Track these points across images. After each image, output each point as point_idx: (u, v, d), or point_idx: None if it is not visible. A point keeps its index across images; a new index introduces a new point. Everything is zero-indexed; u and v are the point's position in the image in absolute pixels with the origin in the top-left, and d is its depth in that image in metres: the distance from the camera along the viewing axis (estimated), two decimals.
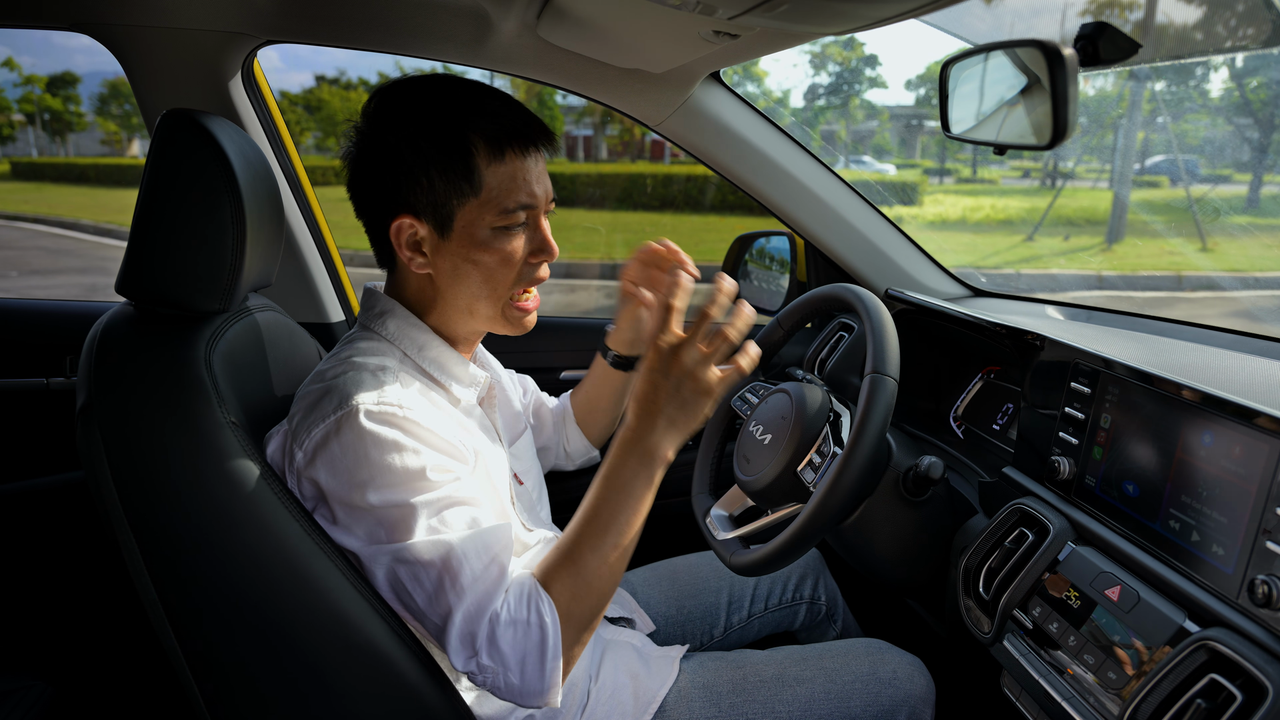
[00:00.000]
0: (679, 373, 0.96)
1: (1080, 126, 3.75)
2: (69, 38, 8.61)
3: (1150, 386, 0.95)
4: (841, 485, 1.01)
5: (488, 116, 0.98)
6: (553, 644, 0.92)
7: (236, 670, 0.92)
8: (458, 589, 0.91)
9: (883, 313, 1.11)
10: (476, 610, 0.91)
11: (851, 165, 22.55)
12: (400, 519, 0.92)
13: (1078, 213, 14.52)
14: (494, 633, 0.91)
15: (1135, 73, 12.00)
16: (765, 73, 30.90)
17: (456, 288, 1.04)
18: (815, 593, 1.52)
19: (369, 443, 0.91)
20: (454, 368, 1.08)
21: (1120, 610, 0.88)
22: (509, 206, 0.99)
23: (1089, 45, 0.78)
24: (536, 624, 0.92)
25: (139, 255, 0.94)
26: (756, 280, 2.01)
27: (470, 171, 0.97)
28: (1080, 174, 17.69)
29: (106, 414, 0.89)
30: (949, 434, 1.52)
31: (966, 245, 12.25)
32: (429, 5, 1.27)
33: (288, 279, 1.60)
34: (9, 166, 26.97)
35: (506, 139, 0.98)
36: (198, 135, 0.94)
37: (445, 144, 0.97)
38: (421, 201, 0.99)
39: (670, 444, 0.98)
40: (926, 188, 18.39)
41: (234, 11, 1.29)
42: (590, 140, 25.08)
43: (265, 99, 1.50)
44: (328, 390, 0.95)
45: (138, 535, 0.89)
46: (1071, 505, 1.04)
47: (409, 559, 0.92)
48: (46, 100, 29.14)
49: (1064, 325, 1.31)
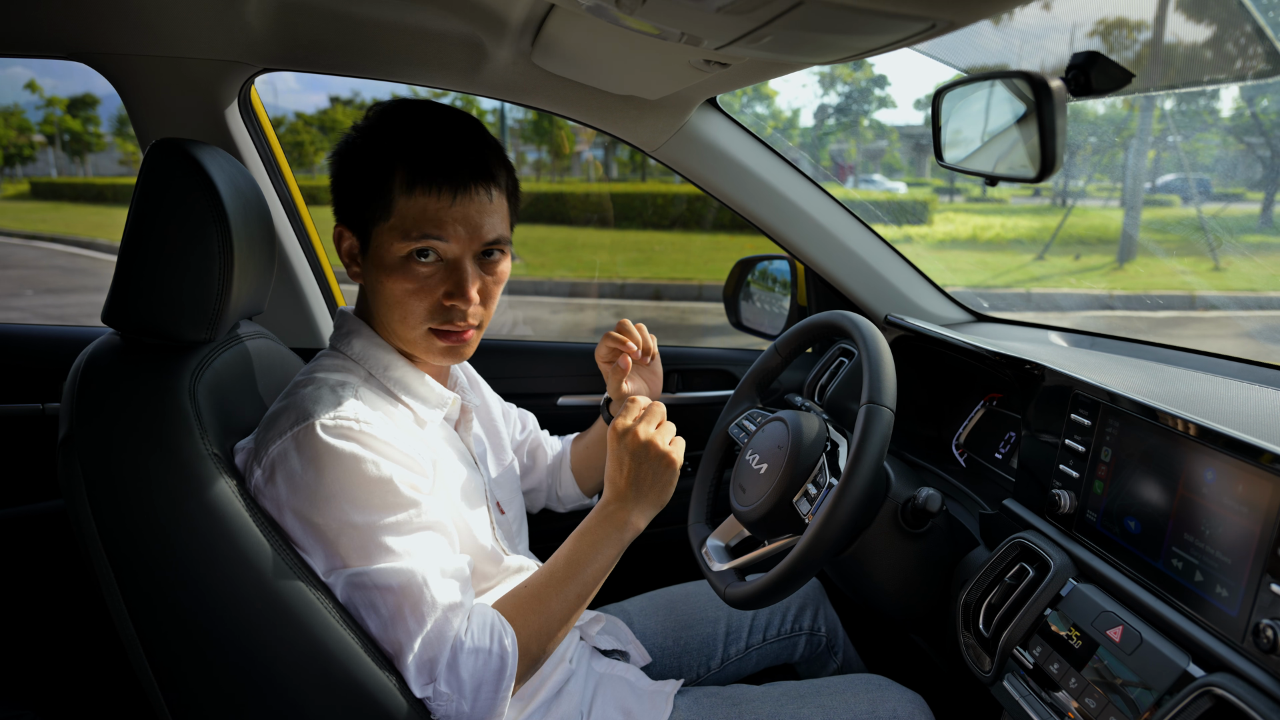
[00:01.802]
0: (640, 450, 1.07)
1: (1090, 145, 3.70)
2: None
3: (1150, 419, 0.93)
4: (836, 518, 0.99)
5: (420, 150, 1.00)
6: (509, 674, 0.96)
7: (214, 705, 0.91)
8: (418, 616, 0.92)
9: (879, 341, 1.09)
10: (437, 636, 0.93)
11: (861, 184, 22.56)
12: (358, 542, 0.92)
13: (1089, 232, 14.45)
14: (455, 659, 0.93)
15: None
16: (775, 92, 31.06)
17: (379, 305, 1.06)
18: (815, 624, 1.49)
19: (326, 458, 0.91)
20: (418, 387, 1.08)
21: (1122, 652, 0.86)
22: (412, 234, 0.99)
23: (1080, 75, 0.77)
24: (498, 653, 0.96)
25: (125, 285, 0.94)
26: (759, 303, 1.99)
27: (385, 196, 1.00)
28: (1091, 193, 17.62)
29: (87, 445, 0.88)
30: (951, 462, 1.50)
31: (976, 264, 12.20)
32: (424, 34, 1.27)
33: (282, 304, 1.60)
34: (29, 186, 27.33)
35: (422, 177, 0.99)
36: (185, 164, 0.93)
37: (372, 166, 1.01)
38: (351, 216, 1.04)
39: (644, 517, 1.10)
40: (936, 206, 18.35)
41: (230, 41, 1.29)
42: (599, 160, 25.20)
43: (262, 126, 1.50)
44: (286, 407, 0.96)
45: (115, 568, 0.88)
46: (1073, 540, 1.02)
47: (366, 584, 0.92)
48: (67, 122, 29.56)
49: (1066, 353, 1.29)
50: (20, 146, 29.46)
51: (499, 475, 1.27)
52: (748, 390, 1.39)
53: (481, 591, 1.12)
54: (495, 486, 1.23)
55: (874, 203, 18.35)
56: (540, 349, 1.78)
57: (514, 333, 7.49)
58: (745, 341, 2.03)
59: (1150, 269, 10.59)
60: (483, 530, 1.12)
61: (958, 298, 1.73)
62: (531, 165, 24.24)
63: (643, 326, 1.35)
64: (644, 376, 1.38)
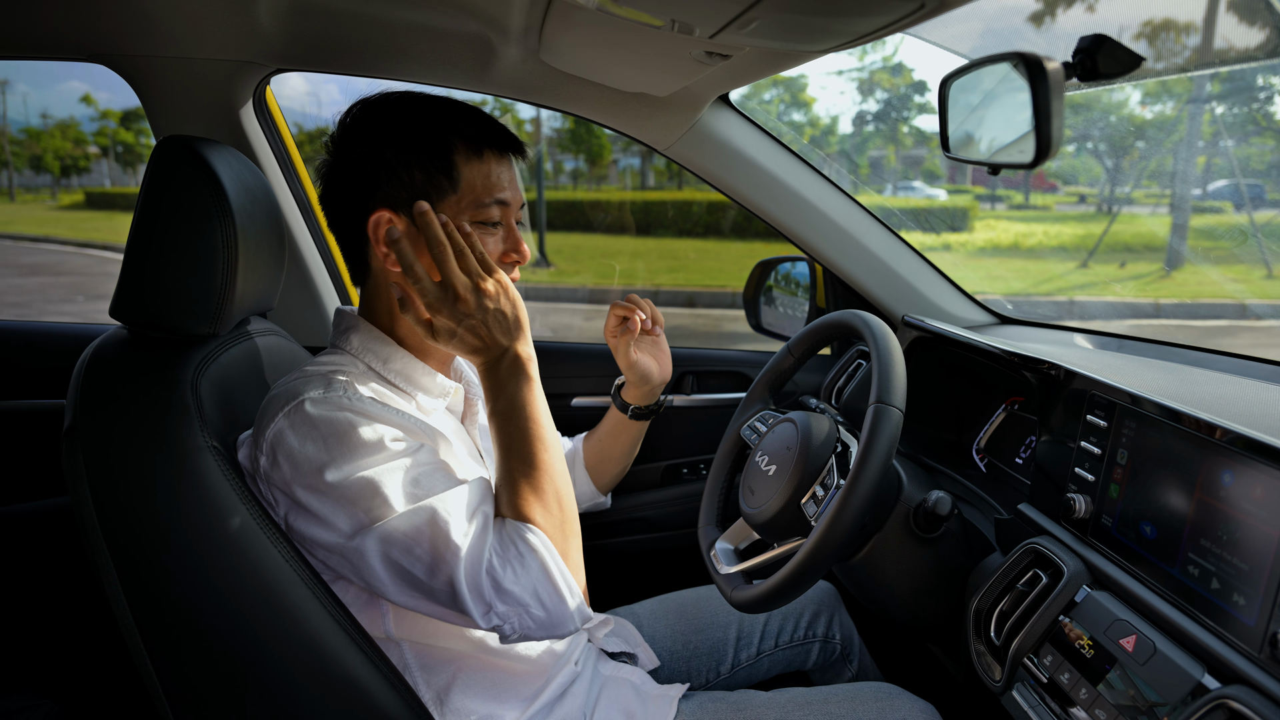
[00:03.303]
0: (476, 301, 0.98)
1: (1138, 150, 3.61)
2: None
3: (1165, 420, 0.89)
4: (842, 520, 0.96)
5: (468, 121, 1.03)
6: (555, 564, 0.94)
7: (211, 697, 0.91)
8: (452, 548, 0.90)
9: (890, 340, 1.06)
10: (473, 565, 0.90)
11: (900, 191, 22.31)
12: (372, 492, 0.90)
13: (1135, 239, 14.10)
14: (496, 581, 0.91)
15: (1195, 95, 11.68)
16: (813, 99, 30.92)
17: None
18: (829, 631, 1.46)
19: (322, 427, 0.91)
20: (420, 378, 1.07)
21: (1135, 662, 0.82)
22: (485, 201, 1.03)
23: (1087, 59, 0.74)
24: (529, 551, 0.93)
25: (131, 279, 0.95)
26: (781, 306, 1.97)
27: (450, 168, 1.01)
28: (1139, 199, 17.21)
29: (89, 436, 0.89)
30: (971, 467, 1.46)
31: (1018, 271, 11.98)
32: (434, 33, 1.28)
33: (296, 303, 1.61)
34: (83, 196, 28.24)
35: (485, 140, 1.03)
36: (190, 160, 0.94)
37: (427, 141, 1.01)
38: (401, 196, 1.01)
39: (513, 342, 1.01)
40: (977, 213, 18.06)
41: (244, 42, 1.31)
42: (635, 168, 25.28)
43: (278, 126, 1.52)
44: (278, 395, 0.96)
45: (115, 558, 0.88)
46: (1087, 546, 0.98)
47: (395, 533, 0.90)
48: (120, 134, 30.51)
49: (1089, 354, 1.25)
50: (76, 158, 30.48)
51: None
52: (760, 392, 1.37)
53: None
54: None
55: (913, 210, 18.12)
56: (555, 349, 1.78)
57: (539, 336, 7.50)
58: (769, 345, 2.01)
59: (1199, 277, 10.31)
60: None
61: (989, 304, 1.68)
62: (569, 174, 24.41)
63: (649, 301, 1.36)
64: (651, 352, 1.37)
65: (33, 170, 30.94)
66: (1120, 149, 18.07)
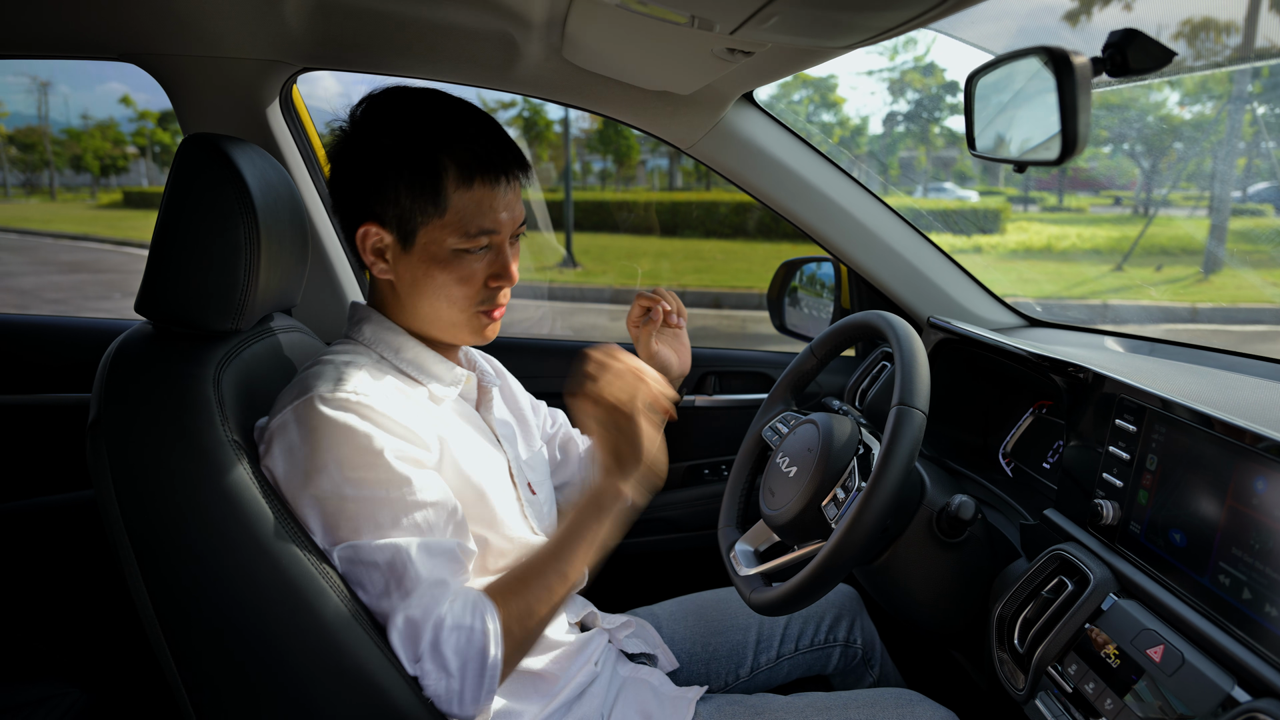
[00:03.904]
0: (605, 413, 1.00)
1: (1175, 152, 3.55)
2: None
3: (1197, 425, 0.87)
4: (862, 523, 0.95)
5: (463, 141, 0.99)
6: (494, 654, 0.93)
7: (230, 689, 0.92)
8: (403, 590, 0.92)
9: (914, 341, 1.05)
10: (422, 613, 0.92)
11: (931, 193, 22.07)
12: (348, 515, 0.92)
13: (1172, 242, 13.82)
14: (438, 636, 0.92)
15: (1235, 95, 11.42)
16: (842, 100, 30.69)
17: (416, 297, 1.05)
18: (851, 635, 1.44)
19: (322, 429, 0.92)
20: (433, 366, 1.08)
21: (1163, 673, 0.80)
22: (471, 231, 1.00)
23: (1117, 54, 0.72)
24: (480, 631, 0.93)
25: (155, 275, 0.96)
26: (805, 307, 1.95)
27: (438, 193, 0.99)
28: (1176, 202, 16.87)
29: (112, 429, 0.90)
30: (997, 472, 1.44)
31: (1050, 275, 11.80)
32: (458, 31, 1.28)
33: (319, 299, 1.63)
34: (122, 195, 28.80)
35: (478, 167, 0.99)
36: (214, 158, 0.95)
37: (417, 162, 0.98)
38: (388, 213, 1.00)
39: (629, 486, 1.02)
40: (1010, 215, 17.80)
41: (270, 41, 1.32)
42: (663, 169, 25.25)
43: (304, 124, 1.54)
44: (291, 386, 0.97)
45: (136, 550, 0.89)
46: (1114, 553, 0.96)
47: (355, 559, 0.93)
48: (158, 134, 31.08)
49: (1119, 358, 1.22)
50: (115, 158, 31.10)
51: (529, 458, 1.26)
52: (782, 393, 1.35)
53: (500, 570, 1.10)
54: (527, 468, 1.22)
55: (944, 211, 17.90)
56: (576, 348, 1.78)
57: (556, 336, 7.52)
58: (793, 345, 1.99)
59: (1238, 281, 10.08)
60: (506, 506, 1.10)
61: (1019, 307, 1.66)
62: (597, 174, 24.44)
63: (673, 293, 1.35)
64: (672, 345, 1.36)
65: (73, 170, 31.63)
66: (1157, 150, 17.74)
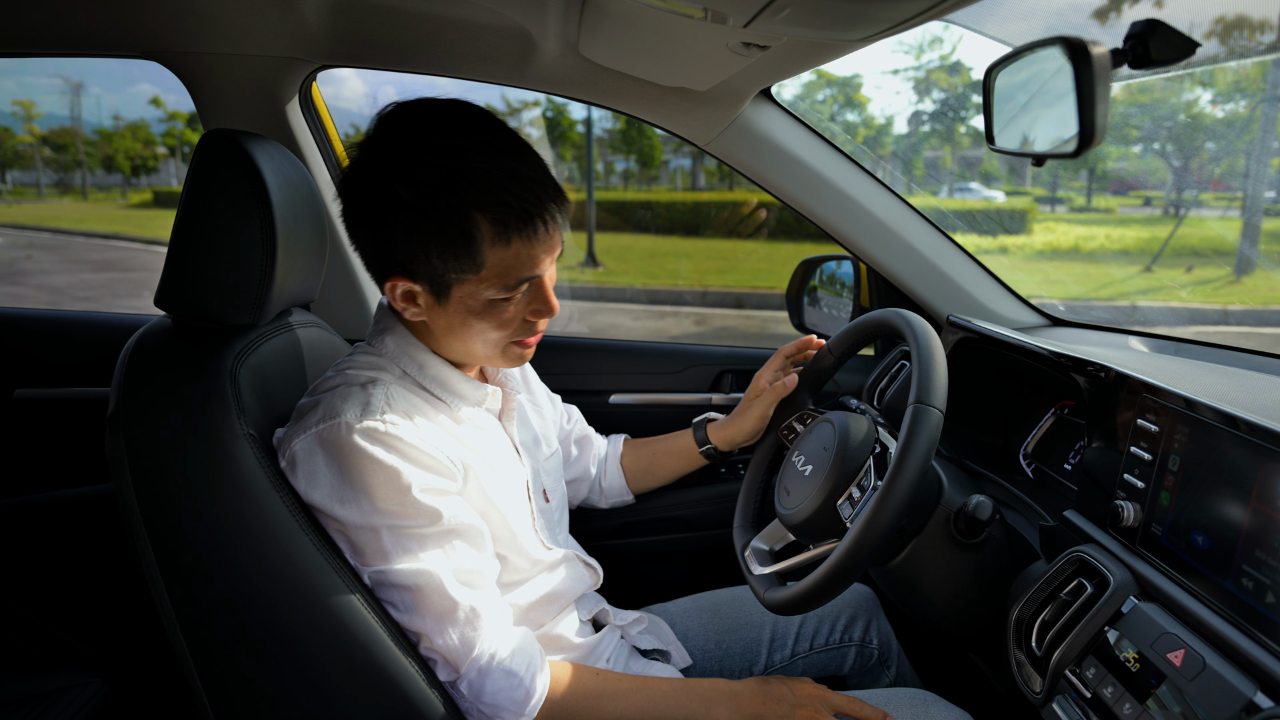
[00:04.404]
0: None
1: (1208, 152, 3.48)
2: None
3: (1221, 425, 0.85)
4: (878, 523, 0.94)
5: (494, 194, 0.90)
6: (530, 712, 0.97)
7: (243, 681, 0.93)
8: (437, 615, 0.94)
9: (931, 339, 1.03)
10: (461, 641, 0.95)
11: (956, 193, 21.84)
12: (375, 543, 0.93)
13: (1203, 243, 13.57)
14: (486, 671, 0.95)
15: (1270, 93, 11.21)
16: (867, 99, 30.47)
17: (450, 339, 1.02)
18: (867, 636, 1.43)
19: (350, 459, 0.91)
20: (458, 385, 1.06)
21: (1183, 678, 0.78)
22: (510, 284, 0.95)
23: (1139, 45, 0.70)
24: (526, 687, 0.97)
25: (174, 269, 0.97)
26: (825, 306, 1.94)
27: (473, 255, 0.92)
28: (1208, 202, 16.58)
29: (130, 421, 0.91)
30: (1018, 473, 1.42)
31: (1078, 275, 11.63)
32: (475, 27, 1.29)
33: (338, 295, 1.64)
34: (151, 195, 29.22)
35: (514, 223, 0.91)
36: (232, 153, 0.96)
37: (447, 224, 0.90)
38: (419, 270, 0.95)
39: None
40: (1036, 215, 17.57)
41: (290, 38, 1.33)
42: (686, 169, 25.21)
43: (323, 121, 1.55)
44: (314, 404, 0.96)
45: (153, 541, 0.91)
46: (1135, 555, 0.94)
47: (384, 582, 0.94)
48: (187, 134, 31.49)
49: (1143, 357, 1.20)
50: (145, 158, 31.56)
51: (545, 462, 1.25)
52: (799, 392, 1.34)
53: (516, 584, 1.11)
54: (542, 473, 1.22)
55: (970, 211, 17.72)
56: (593, 346, 1.78)
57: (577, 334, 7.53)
58: None
59: (1271, 283, 9.88)
60: (522, 524, 1.11)
61: (1044, 307, 1.63)
62: (620, 175, 24.44)
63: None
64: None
65: (104, 170, 32.12)
66: (1189, 149, 17.44)
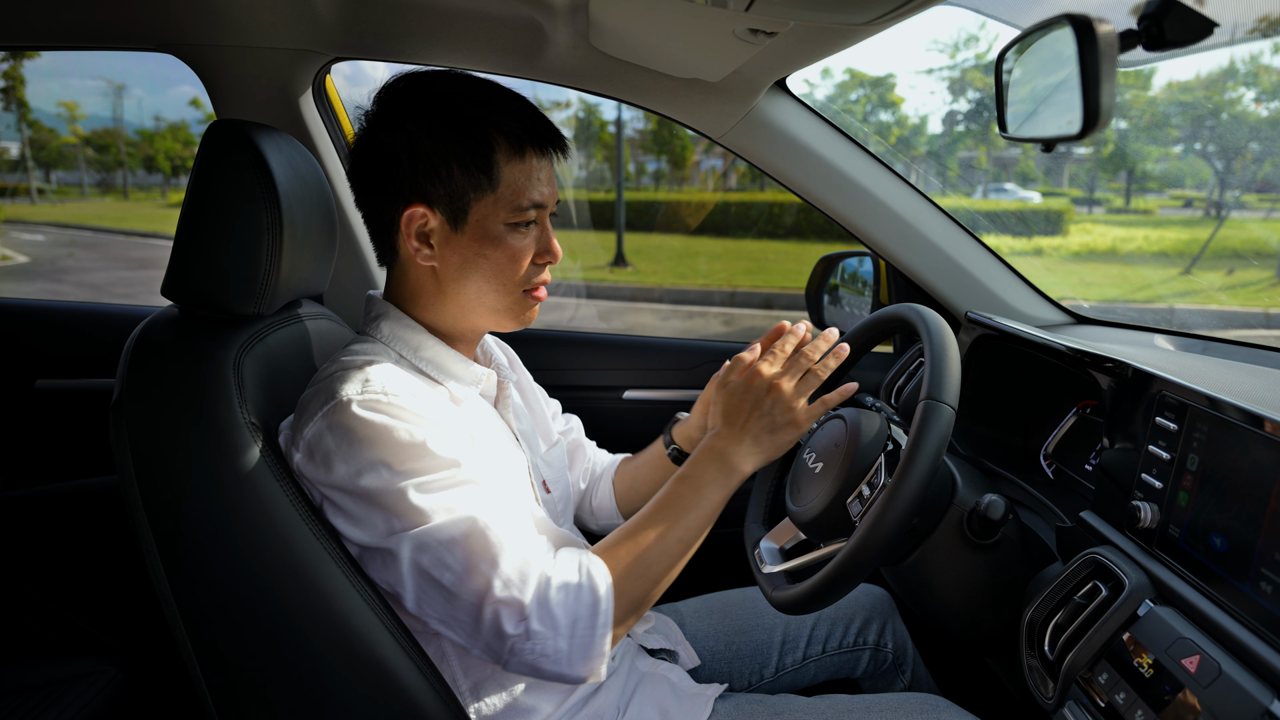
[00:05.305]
0: (773, 397, 1.04)
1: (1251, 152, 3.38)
2: None
3: (1243, 424, 0.82)
4: (886, 521, 0.92)
5: (510, 114, 0.98)
6: (604, 610, 0.91)
7: (242, 670, 0.93)
8: (490, 559, 0.88)
9: (944, 334, 1.01)
10: (519, 575, 0.89)
11: (992, 194, 21.54)
12: (405, 504, 0.89)
13: (1245, 245, 13.25)
14: (545, 594, 0.89)
15: None
16: (901, 99, 30.15)
17: (462, 282, 1.02)
18: (881, 639, 1.40)
19: (359, 430, 0.89)
20: (452, 366, 1.05)
21: (1198, 684, 0.75)
22: (523, 204, 0.99)
23: (1154, 26, 0.68)
24: (589, 588, 0.91)
25: (181, 258, 0.97)
26: (845, 304, 1.91)
27: (490, 166, 0.97)
28: (1250, 204, 16.19)
29: (134, 409, 0.92)
30: (1038, 473, 1.38)
31: (1115, 278, 11.41)
32: (486, 19, 1.28)
33: (350, 287, 1.64)
34: None
35: (528, 138, 0.99)
36: (239, 143, 0.96)
37: (467, 137, 0.96)
38: (438, 192, 0.98)
39: (751, 462, 1.03)
40: (1073, 217, 17.28)
41: (304, 31, 1.34)
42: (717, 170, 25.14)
43: (337, 113, 1.56)
44: (315, 392, 0.95)
45: (154, 529, 0.91)
46: (1152, 558, 0.91)
47: (430, 543, 0.88)
48: None
49: (1165, 355, 1.16)
50: (185, 158, 32.16)
51: (545, 454, 1.24)
52: None
53: None
54: (544, 465, 1.21)
55: (1005, 212, 17.47)
56: (606, 341, 1.77)
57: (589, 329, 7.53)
58: None
59: None
60: (528, 505, 1.10)
61: (1071, 306, 1.59)
62: (651, 175, 24.43)
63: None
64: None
65: (145, 170, 32.78)
66: (1231, 150, 17.03)
